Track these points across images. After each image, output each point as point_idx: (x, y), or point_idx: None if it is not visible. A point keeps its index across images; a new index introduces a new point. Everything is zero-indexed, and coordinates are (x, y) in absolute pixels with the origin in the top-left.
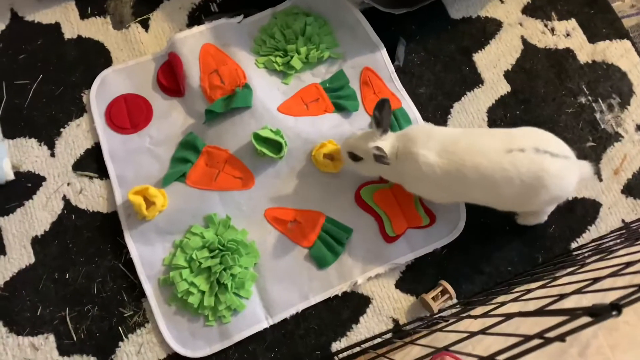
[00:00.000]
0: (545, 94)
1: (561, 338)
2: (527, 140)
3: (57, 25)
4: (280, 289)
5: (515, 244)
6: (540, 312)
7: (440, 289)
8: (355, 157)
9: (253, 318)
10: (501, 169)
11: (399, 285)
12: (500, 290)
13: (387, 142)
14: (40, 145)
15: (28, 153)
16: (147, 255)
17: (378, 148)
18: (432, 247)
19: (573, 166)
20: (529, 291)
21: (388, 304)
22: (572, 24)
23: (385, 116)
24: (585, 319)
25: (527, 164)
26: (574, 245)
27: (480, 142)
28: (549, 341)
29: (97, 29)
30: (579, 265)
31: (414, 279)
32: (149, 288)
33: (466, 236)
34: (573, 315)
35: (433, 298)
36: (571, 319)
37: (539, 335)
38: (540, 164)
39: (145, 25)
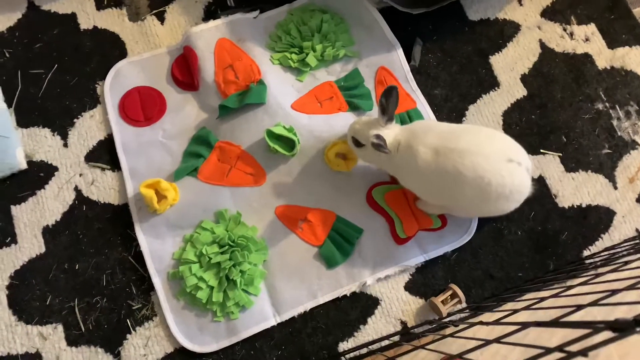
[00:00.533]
0: (562, 99)
1: (584, 352)
2: (522, 157)
3: (73, 16)
4: (288, 287)
5: (527, 249)
6: (559, 324)
7: (449, 292)
8: (357, 143)
9: (261, 315)
10: (499, 175)
11: (408, 287)
12: (510, 296)
13: (390, 132)
14: (53, 135)
15: (41, 143)
16: (157, 248)
17: (378, 136)
18: (443, 250)
19: None
20: (542, 299)
21: (397, 306)
22: (591, 28)
23: (391, 104)
24: (607, 334)
25: (520, 178)
26: (586, 253)
27: (483, 143)
28: (571, 355)
29: (113, 20)
30: (592, 276)
31: (423, 281)
32: (157, 281)
33: (477, 240)
34: (595, 329)
35: (442, 301)
36: (592, 333)
37: (560, 348)
38: (527, 183)
39: (161, 17)
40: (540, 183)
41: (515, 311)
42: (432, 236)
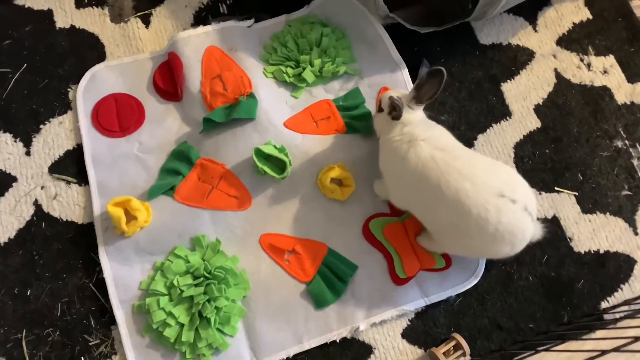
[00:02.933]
0: (578, 134)
1: None
2: (521, 194)
3: (49, 12)
4: (270, 328)
5: (539, 298)
6: None
7: (452, 343)
8: (380, 108)
9: (237, 359)
10: (483, 208)
11: (406, 335)
12: (519, 351)
13: (413, 116)
14: (15, 141)
15: (0, 149)
16: (122, 276)
17: (399, 99)
18: (446, 295)
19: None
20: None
21: (392, 356)
22: (610, 60)
23: (427, 86)
24: None
25: (511, 218)
26: (604, 304)
27: (478, 169)
28: None
29: (93, 20)
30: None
31: (423, 329)
32: (120, 314)
33: (485, 284)
34: None
35: (444, 353)
36: None
37: None
38: (523, 224)
39: (146, 20)
40: (554, 224)
41: None
42: (435, 277)
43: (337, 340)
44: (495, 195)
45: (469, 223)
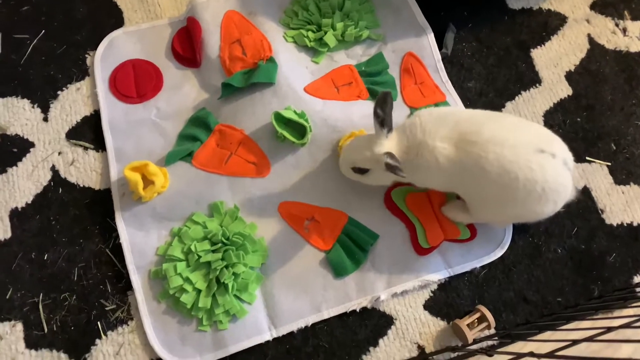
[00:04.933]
0: (612, 102)
1: None
2: (559, 148)
3: None
4: (288, 296)
5: (568, 271)
6: None
7: (477, 315)
8: (360, 170)
9: (254, 327)
10: (528, 168)
11: (429, 306)
12: (547, 324)
13: (394, 144)
14: (33, 107)
15: (18, 114)
16: (139, 241)
17: (391, 155)
18: (471, 266)
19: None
20: (608, 329)
21: (414, 327)
22: None
23: (389, 113)
24: None
25: (555, 173)
26: (637, 279)
27: (509, 132)
28: None
29: None
30: None
31: (446, 300)
32: (137, 280)
33: (511, 256)
34: None
35: (468, 325)
36: None
37: None
38: (564, 179)
39: None
40: (584, 195)
41: (575, 342)
42: (459, 248)
43: (357, 310)
44: (535, 152)
45: (517, 188)
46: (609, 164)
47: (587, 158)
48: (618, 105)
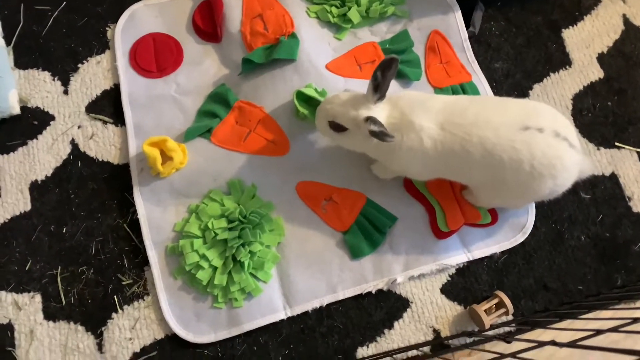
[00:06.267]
0: None
1: None
2: (546, 120)
3: None
4: (304, 276)
5: (591, 259)
6: None
7: (495, 301)
8: (337, 127)
9: (269, 306)
10: (511, 149)
11: (446, 290)
12: (567, 312)
13: (382, 113)
14: (53, 80)
15: (39, 87)
16: (156, 217)
17: (373, 120)
18: (491, 251)
19: (580, 162)
20: (635, 320)
21: (430, 311)
22: None
23: (388, 79)
24: None
25: (543, 148)
26: None
27: (491, 113)
28: None
29: None
30: None
31: (464, 285)
32: (153, 255)
33: (532, 242)
34: None
35: (486, 311)
36: None
37: None
38: (557, 151)
39: None
40: (612, 181)
41: (599, 332)
42: (479, 233)
43: (373, 292)
44: (519, 130)
45: (504, 169)
46: None
47: (617, 144)
48: None
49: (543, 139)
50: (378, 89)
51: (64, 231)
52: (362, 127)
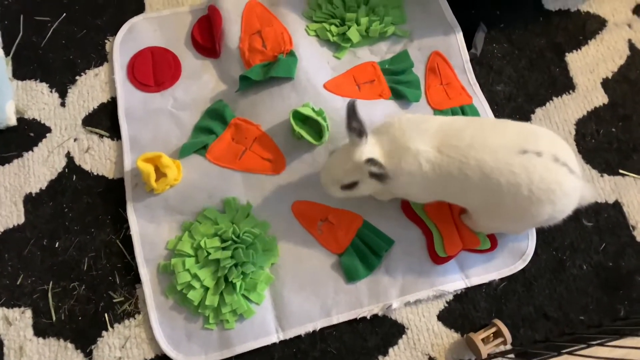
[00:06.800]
0: None
1: None
2: (545, 144)
3: None
4: (298, 298)
5: (593, 289)
6: None
7: (493, 329)
8: (349, 186)
9: (261, 328)
10: (509, 172)
11: (443, 317)
12: (567, 344)
13: (375, 147)
14: (51, 91)
15: (36, 98)
16: (149, 234)
17: (372, 161)
18: (490, 278)
19: (581, 188)
20: None
21: (426, 338)
22: None
23: (360, 120)
24: None
25: (542, 172)
26: None
27: (488, 135)
28: None
29: None
30: None
31: (461, 312)
32: (145, 273)
33: (532, 270)
34: None
35: (483, 340)
36: None
37: None
38: (556, 176)
39: None
40: (615, 209)
41: None
42: (478, 259)
43: (368, 317)
44: (516, 154)
45: (502, 193)
46: None
47: (621, 171)
48: None
49: (541, 164)
50: (361, 133)
51: (56, 245)
52: (366, 172)
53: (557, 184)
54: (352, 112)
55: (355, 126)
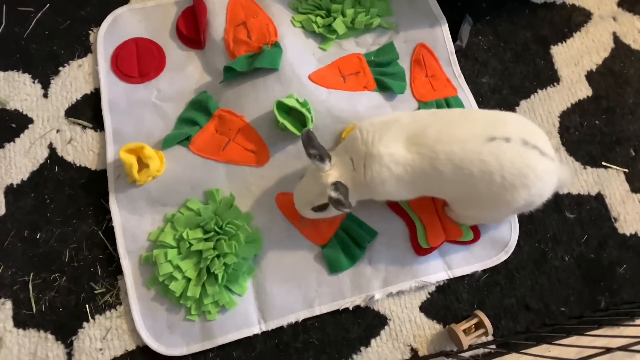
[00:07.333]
0: (634, 105)
1: None
2: (513, 129)
3: None
4: (281, 290)
5: (575, 280)
6: None
7: (474, 320)
8: (321, 207)
9: (243, 319)
10: (480, 161)
11: (425, 308)
12: (548, 335)
13: (339, 168)
14: (33, 82)
15: (18, 89)
16: (131, 225)
17: (335, 187)
18: (472, 269)
19: (556, 170)
20: (607, 350)
21: (408, 329)
22: None
23: (320, 146)
24: None
25: (512, 157)
26: None
27: (455, 127)
28: None
29: None
30: None
31: (444, 303)
32: (127, 265)
33: (515, 261)
34: None
35: (464, 331)
36: None
37: None
38: (527, 160)
39: None
40: (598, 201)
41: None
42: (461, 250)
43: (350, 308)
44: (484, 142)
45: (476, 182)
46: (627, 170)
47: (604, 163)
48: None
49: (510, 149)
50: (322, 158)
51: (37, 237)
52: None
53: (528, 167)
54: (307, 140)
55: (314, 153)
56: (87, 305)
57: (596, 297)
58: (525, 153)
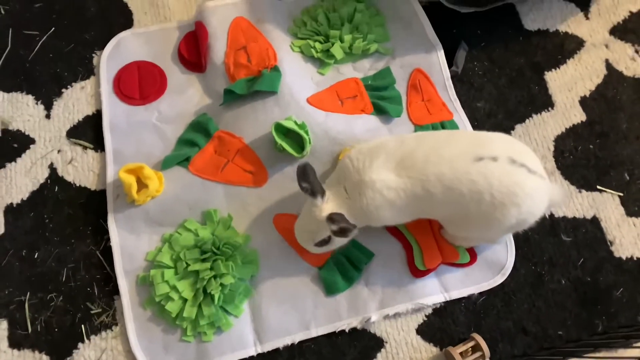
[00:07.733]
0: (627, 130)
1: None
2: (500, 148)
3: None
4: (277, 311)
5: (572, 303)
6: None
7: (471, 344)
8: (323, 242)
9: (239, 341)
10: (469, 181)
11: (422, 331)
12: (546, 358)
13: (334, 200)
14: (36, 103)
15: (21, 110)
16: (129, 245)
17: (331, 219)
18: (468, 291)
19: (547, 188)
20: None
21: (404, 352)
22: None
23: (313, 180)
24: None
25: (500, 176)
26: None
27: (443, 148)
28: None
29: None
30: None
31: (440, 326)
32: (124, 285)
33: (512, 284)
34: None
35: (461, 354)
36: None
37: None
38: (515, 178)
39: None
40: (593, 225)
41: None
42: (457, 273)
43: (347, 330)
44: (472, 162)
45: (467, 201)
46: (621, 194)
47: (599, 187)
48: (633, 133)
49: (498, 168)
50: (315, 192)
51: (35, 256)
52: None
53: (517, 185)
54: (301, 174)
55: (305, 187)
56: (82, 326)
57: (593, 321)
58: (512, 171)
